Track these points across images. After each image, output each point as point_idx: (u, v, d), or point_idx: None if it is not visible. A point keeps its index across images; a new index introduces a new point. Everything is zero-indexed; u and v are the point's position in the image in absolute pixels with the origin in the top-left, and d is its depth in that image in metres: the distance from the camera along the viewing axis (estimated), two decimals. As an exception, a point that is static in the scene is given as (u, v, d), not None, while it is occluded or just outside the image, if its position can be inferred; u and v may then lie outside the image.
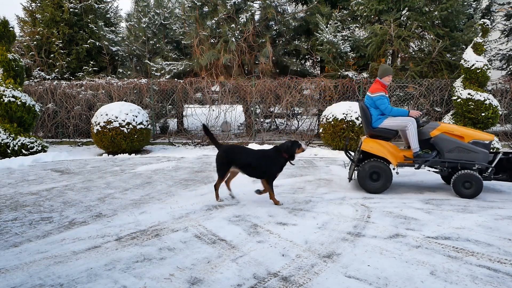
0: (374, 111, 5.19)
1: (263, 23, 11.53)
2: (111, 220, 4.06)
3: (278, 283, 2.64)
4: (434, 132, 5.03)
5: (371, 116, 5.22)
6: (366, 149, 5.10)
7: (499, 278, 2.71)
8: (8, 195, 5.18)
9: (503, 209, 4.38)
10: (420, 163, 5.03)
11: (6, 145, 8.30)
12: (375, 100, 5.13)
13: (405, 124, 5.04)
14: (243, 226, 3.81)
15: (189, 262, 2.98)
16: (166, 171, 6.86)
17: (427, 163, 5.04)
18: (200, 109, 12.26)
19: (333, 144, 8.97)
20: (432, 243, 3.35)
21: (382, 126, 5.16)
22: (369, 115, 5.23)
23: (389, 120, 5.14)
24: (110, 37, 13.35)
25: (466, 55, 8.72)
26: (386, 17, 10.01)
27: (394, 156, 5.03)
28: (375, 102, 5.13)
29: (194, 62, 11.49)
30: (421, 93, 9.94)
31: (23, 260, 3.06)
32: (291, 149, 4.45)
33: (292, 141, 4.54)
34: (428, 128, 5.14)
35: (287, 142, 4.54)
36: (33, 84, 11.50)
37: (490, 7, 12.35)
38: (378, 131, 5.18)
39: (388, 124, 5.14)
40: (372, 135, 5.26)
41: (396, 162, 5.02)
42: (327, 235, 3.56)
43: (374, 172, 5.05)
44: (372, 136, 5.26)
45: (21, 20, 13.44)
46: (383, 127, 5.16)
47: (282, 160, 4.50)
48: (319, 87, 10.40)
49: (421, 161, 5.02)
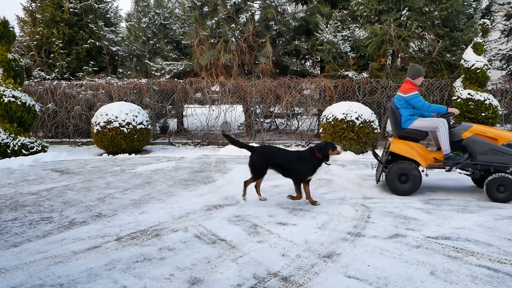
0: (405, 112, 5.08)
1: (263, 23, 11.53)
2: (111, 220, 4.06)
3: (278, 283, 2.64)
4: (466, 133, 4.87)
5: (400, 116, 5.11)
6: (395, 151, 4.99)
7: (499, 278, 2.71)
8: (8, 195, 5.18)
9: (503, 209, 4.38)
10: (451, 165, 4.89)
11: (6, 145, 8.30)
12: (409, 100, 4.98)
13: (436, 125, 4.92)
14: (243, 226, 3.81)
15: (189, 262, 2.98)
16: (166, 171, 6.86)
17: (458, 165, 4.90)
18: (200, 109, 12.26)
19: (333, 144, 8.96)
20: (432, 243, 3.35)
21: (412, 127, 5.04)
22: (399, 116, 5.11)
23: (420, 121, 5.04)
24: (110, 37, 13.34)
25: (466, 55, 8.72)
26: (386, 17, 10.01)
27: (423, 158, 4.94)
28: (410, 101, 4.99)
29: (194, 62, 11.49)
30: (421, 93, 9.93)
31: (23, 260, 3.06)
32: (324, 149, 4.38)
33: (327, 142, 4.49)
34: (459, 129, 4.96)
35: (322, 142, 4.49)
36: (33, 84, 11.50)
37: (490, 7, 12.35)
38: (407, 132, 5.07)
39: (418, 125, 5.03)
40: (401, 136, 5.15)
41: (426, 164, 4.91)
42: (327, 235, 3.56)
43: (403, 174, 4.95)
44: (401, 137, 5.15)
45: (21, 20, 13.43)
46: (413, 128, 5.04)
47: (315, 161, 4.40)
48: (319, 87, 10.40)
49: (452, 164, 4.88)
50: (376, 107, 10.29)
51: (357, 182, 5.73)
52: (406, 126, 5.09)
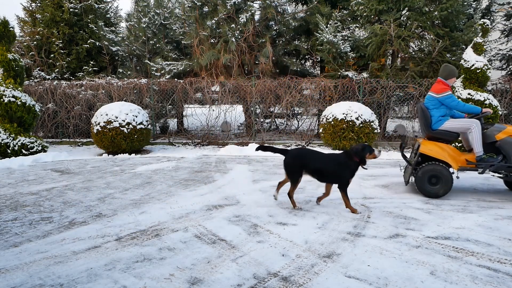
0: (436, 112, 4.96)
1: (263, 23, 11.54)
2: (111, 220, 4.06)
3: (278, 283, 2.64)
4: (500, 135, 4.77)
5: (431, 117, 5.00)
6: (425, 152, 4.88)
7: (499, 278, 2.71)
8: (8, 195, 5.18)
9: (503, 209, 4.38)
10: (484, 167, 4.76)
11: (6, 145, 8.30)
12: (443, 100, 4.87)
13: (468, 126, 4.82)
14: (243, 226, 3.81)
15: (189, 262, 2.98)
16: (166, 171, 6.86)
17: (491, 167, 4.77)
18: (200, 109, 12.27)
19: (333, 144, 8.97)
20: (432, 243, 3.35)
21: (443, 128, 4.93)
22: (429, 117, 5.00)
23: (451, 122, 4.93)
24: (110, 37, 13.35)
25: (466, 55, 8.72)
26: (386, 17, 10.02)
27: (455, 160, 4.81)
28: (444, 101, 4.88)
29: (194, 62, 11.50)
30: (421, 93, 9.94)
31: (23, 260, 3.06)
32: (361, 152, 4.16)
33: (363, 144, 4.26)
34: (493, 130, 4.87)
35: (358, 145, 4.27)
36: (33, 84, 11.50)
37: (490, 7, 12.36)
38: (438, 133, 4.96)
39: (449, 126, 4.92)
40: (431, 137, 5.05)
41: (457, 166, 4.79)
42: (327, 235, 3.56)
43: (433, 176, 4.82)
44: (431, 138, 5.05)
45: (21, 20, 13.43)
46: (444, 129, 4.93)
47: (352, 164, 4.20)
48: (319, 87, 10.40)
49: (485, 166, 4.75)
50: (376, 107, 10.29)
51: (357, 182, 5.73)
52: (437, 127, 4.97)
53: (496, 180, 5.84)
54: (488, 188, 5.41)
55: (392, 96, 10.31)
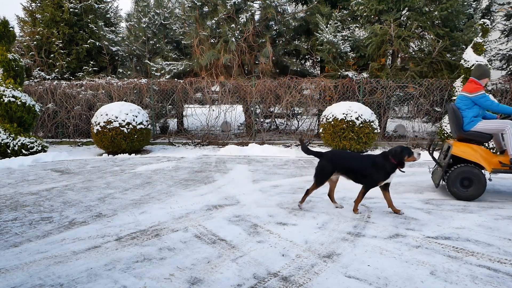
0: (468, 113, 4.83)
1: (263, 23, 11.54)
2: (111, 220, 4.06)
3: (278, 283, 2.64)
4: None
5: (463, 118, 4.86)
6: (458, 154, 4.78)
7: (499, 278, 2.71)
8: (8, 195, 5.18)
9: (503, 209, 4.38)
10: None
11: (6, 145, 8.30)
12: (476, 100, 4.75)
13: (503, 127, 4.69)
14: (243, 226, 3.81)
15: (189, 262, 2.98)
16: (166, 171, 6.86)
17: None
18: (200, 109, 12.27)
19: (333, 144, 8.97)
20: (432, 243, 3.35)
21: (475, 129, 4.80)
22: (461, 117, 4.87)
23: (485, 123, 4.80)
24: (110, 37, 13.35)
25: (466, 55, 8.72)
26: (386, 17, 10.01)
27: (488, 162, 4.69)
28: (477, 101, 4.75)
29: (194, 62, 11.50)
30: (421, 93, 9.94)
31: (23, 260, 3.06)
32: (400, 155, 4.02)
33: (402, 146, 4.10)
34: None
35: (397, 147, 4.13)
36: (33, 84, 11.50)
37: (490, 7, 12.36)
38: (470, 134, 4.83)
39: (482, 127, 4.79)
40: (462, 139, 4.92)
41: (490, 168, 4.66)
42: (327, 235, 3.56)
43: (466, 178, 4.72)
44: (462, 140, 4.93)
45: (21, 20, 13.43)
46: (477, 131, 4.80)
47: (389, 166, 4.06)
48: (319, 87, 10.40)
49: None
50: (376, 107, 10.29)
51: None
52: (469, 128, 4.85)
53: (496, 180, 5.84)
54: (488, 188, 5.41)
55: (392, 96, 10.31)
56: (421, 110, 10.32)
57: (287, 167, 7.16)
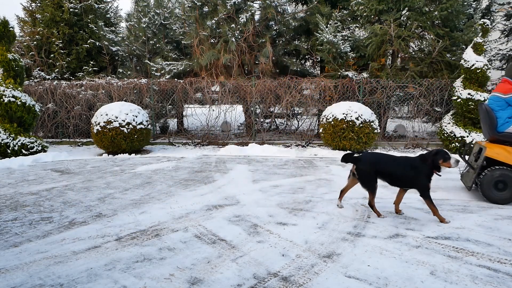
0: (502, 114, 4.71)
1: (263, 23, 11.54)
2: (111, 220, 4.06)
3: (278, 283, 2.64)
4: None
5: (496, 119, 4.74)
6: (492, 156, 4.64)
7: (499, 278, 2.71)
8: (8, 195, 5.18)
9: (503, 209, 4.38)
10: None
11: (6, 145, 8.30)
12: (511, 100, 4.64)
13: None
14: (243, 226, 3.81)
15: (189, 262, 2.98)
16: (166, 171, 6.86)
17: None
18: (200, 109, 12.27)
19: (333, 144, 8.97)
20: (432, 243, 3.35)
21: (510, 130, 4.68)
22: (494, 118, 4.74)
23: None
24: (110, 37, 13.35)
25: (466, 55, 8.72)
26: (386, 17, 10.01)
27: None
28: None
29: (194, 62, 11.50)
30: (421, 93, 9.94)
31: (23, 260, 3.06)
32: (433, 157, 3.86)
33: (439, 149, 3.93)
34: None
35: (434, 149, 3.99)
36: (33, 84, 11.50)
37: (490, 7, 12.36)
38: (505, 136, 4.70)
39: None
40: (496, 140, 4.79)
41: None
42: (327, 235, 3.56)
43: (500, 181, 4.58)
44: (495, 141, 4.81)
45: (21, 20, 13.43)
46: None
47: (426, 168, 3.91)
48: (319, 87, 10.40)
49: None
50: (376, 107, 10.29)
51: None
52: (503, 129, 4.73)
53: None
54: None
55: (392, 96, 10.31)
56: (421, 110, 10.32)
57: (287, 167, 7.16)
